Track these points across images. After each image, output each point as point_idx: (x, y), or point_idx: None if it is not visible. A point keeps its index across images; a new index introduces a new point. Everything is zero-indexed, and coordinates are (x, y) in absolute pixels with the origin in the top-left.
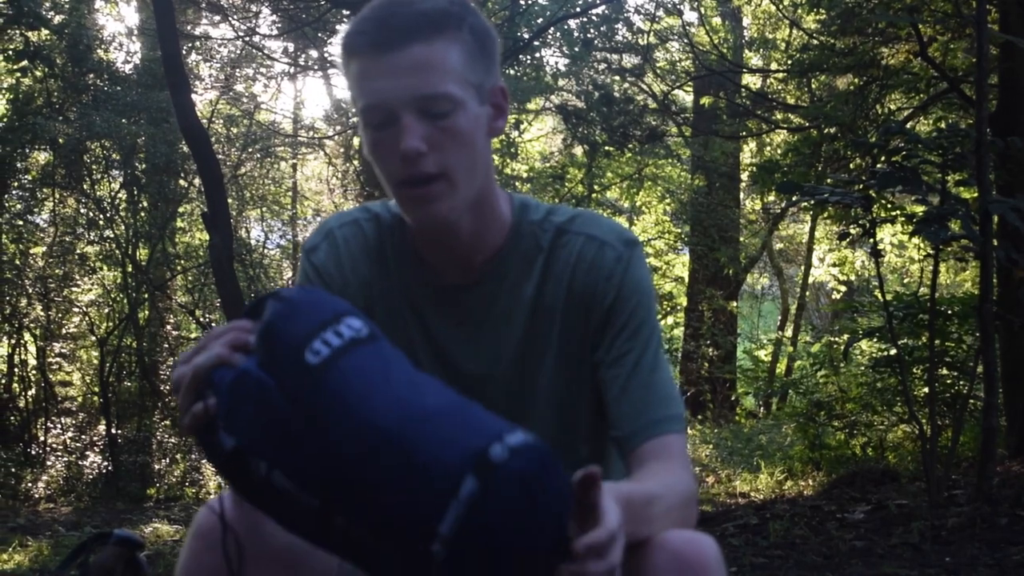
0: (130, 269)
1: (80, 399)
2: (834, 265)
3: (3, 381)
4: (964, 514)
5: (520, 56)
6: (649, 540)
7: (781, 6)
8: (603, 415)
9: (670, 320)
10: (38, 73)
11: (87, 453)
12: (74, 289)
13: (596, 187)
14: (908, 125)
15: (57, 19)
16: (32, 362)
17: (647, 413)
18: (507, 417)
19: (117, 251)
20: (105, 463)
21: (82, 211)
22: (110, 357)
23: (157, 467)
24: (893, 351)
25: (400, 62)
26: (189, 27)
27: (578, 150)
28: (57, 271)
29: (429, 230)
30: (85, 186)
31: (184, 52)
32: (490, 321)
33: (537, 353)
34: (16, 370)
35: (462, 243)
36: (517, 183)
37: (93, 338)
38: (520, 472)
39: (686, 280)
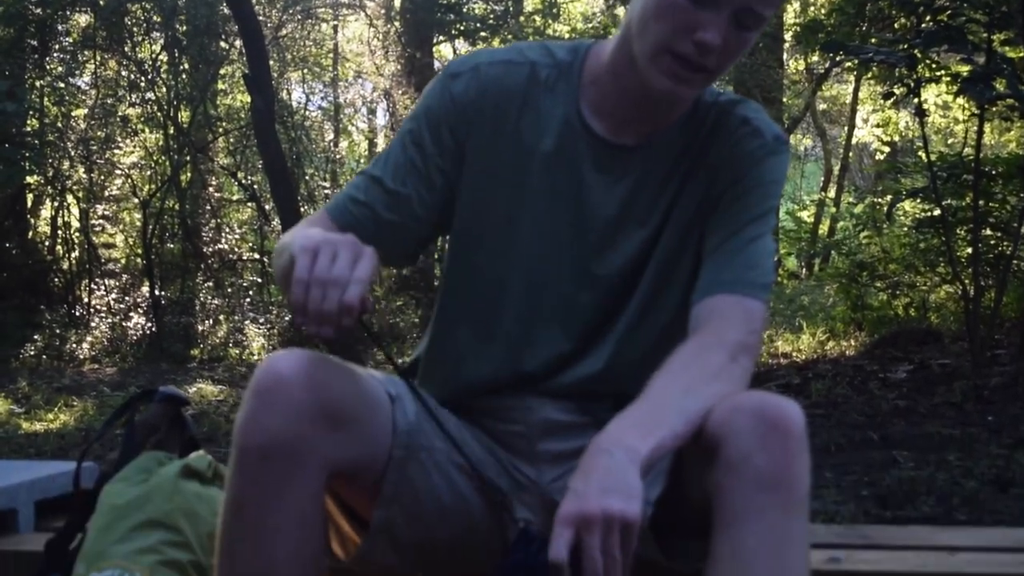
0: (172, 131)
1: (123, 261)
2: (878, 126)
3: (47, 243)
4: (1006, 373)
5: None
6: (723, 406)
7: None
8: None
9: None
10: None
11: (131, 314)
12: (116, 151)
13: None
14: None
15: None
16: (75, 224)
17: (726, 271)
18: (629, 265)
19: (159, 113)
20: (149, 324)
21: (123, 73)
22: (153, 219)
23: (201, 328)
24: (937, 211)
25: None
26: None
27: (620, 10)
28: (99, 133)
29: (662, 100)
30: (126, 48)
31: None
32: (646, 183)
33: (673, 219)
34: (60, 232)
35: (652, 116)
36: None
37: (136, 200)
38: None
39: None
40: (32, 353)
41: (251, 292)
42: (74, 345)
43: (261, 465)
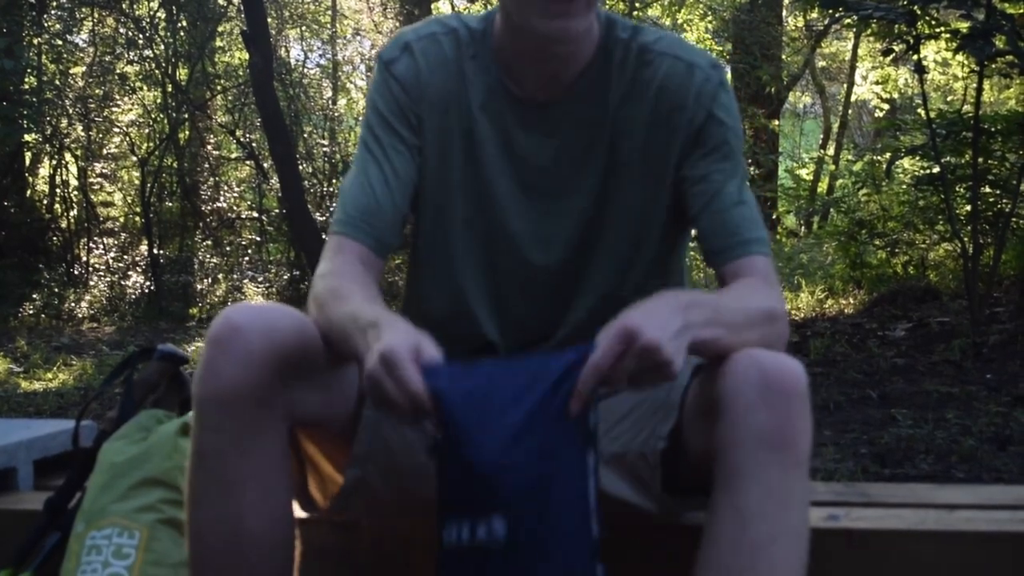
0: (170, 89)
1: (122, 219)
2: (877, 83)
3: (46, 202)
4: (1005, 331)
5: None
6: (739, 352)
7: None
8: (675, 226)
9: None
10: None
11: (129, 273)
12: (114, 109)
13: (637, 5)
14: None
15: None
16: (74, 183)
17: (734, 234)
18: (585, 225)
19: (157, 71)
20: (148, 283)
21: (121, 30)
22: (151, 177)
23: (199, 287)
24: (936, 169)
25: None
26: None
27: None
28: (97, 91)
29: (555, 41)
30: (124, 5)
31: None
32: (576, 135)
33: (619, 167)
34: (58, 191)
35: (558, 58)
36: None
37: (134, 158)
38: None
39: None
40: (31, 312)
41: (250, 251)
42: (73, 304)
43: (220, 415)
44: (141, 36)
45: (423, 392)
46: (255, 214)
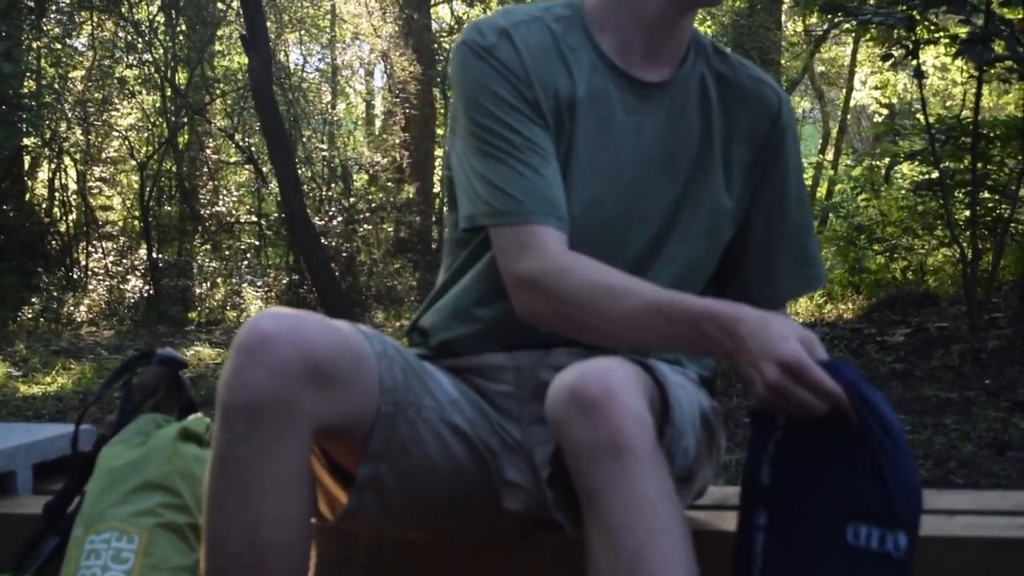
0: (169, 93)
1: (121, 223)
2: (876, 88)
3: (44, 206)
4: (1004, 336)
5: None
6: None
7: None
8: (741, 230)
9: None
10: None
11: (128, 277)
12: (113, 113)
13: None
14: None
15: None
16: (73, 186)
17: (793, 272)
18: (668, 217)
19: (156, 75)
20: (146, 287)
21: (120, 34)
22: (150, 181)
23: (198, 291)
24: (935, 174)
25: None
26: None
27: None
28: (96, 95)
29: (677, 21)
30: (123, 9)
31: None
32: (675, 119)
33: (706, 168)
34: (57, 194)
35: (669, 45)
36: None
37: (133, 162)
38: None
39: None
40: (30, 316)
41: (248, 255)
42: (71, 308)
43: (247, 423)
44: (140, 40)
45: (840, 391)
46: (254, 218)
